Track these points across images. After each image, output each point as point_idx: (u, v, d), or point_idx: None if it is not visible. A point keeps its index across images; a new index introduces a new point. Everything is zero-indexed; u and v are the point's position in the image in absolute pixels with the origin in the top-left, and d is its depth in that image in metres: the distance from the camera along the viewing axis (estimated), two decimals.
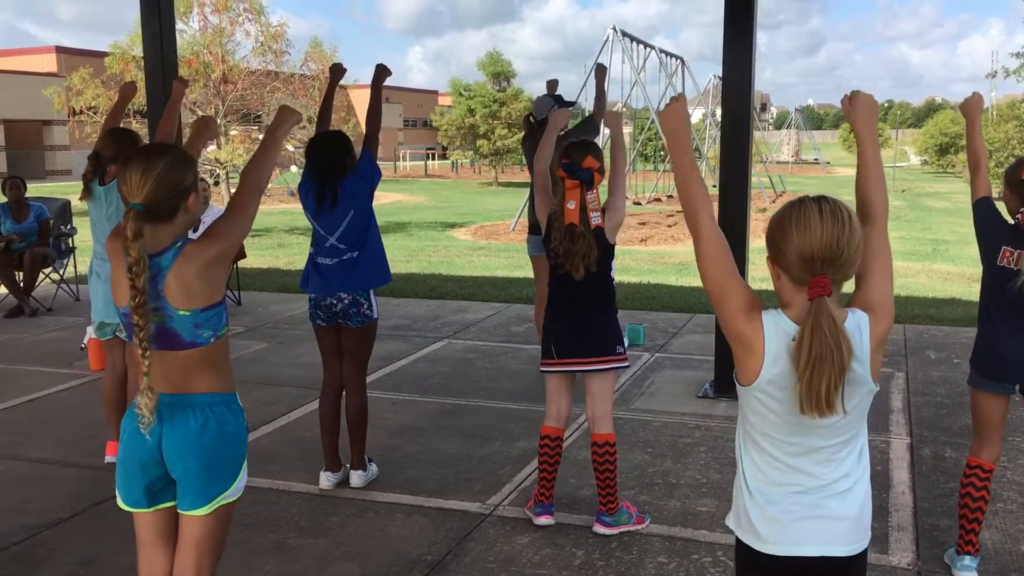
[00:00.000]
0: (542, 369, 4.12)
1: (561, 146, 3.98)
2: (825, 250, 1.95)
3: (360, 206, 4.37)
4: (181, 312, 2.42)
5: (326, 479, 4.58)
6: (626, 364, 4.10)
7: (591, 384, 4.04)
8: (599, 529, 4.06)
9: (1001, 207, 3.57)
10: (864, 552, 2.13)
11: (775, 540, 2.10)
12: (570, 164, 3.83)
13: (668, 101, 2.56)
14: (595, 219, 3.83)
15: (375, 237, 4.48)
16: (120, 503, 2.61)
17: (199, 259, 2.46)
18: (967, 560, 3.63)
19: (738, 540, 2.19)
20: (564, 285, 3.97)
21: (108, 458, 4.92)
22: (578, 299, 3.96)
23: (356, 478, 4.60)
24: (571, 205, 3.82)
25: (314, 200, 4.37)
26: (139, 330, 2.40)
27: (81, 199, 4.91)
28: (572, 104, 6.62)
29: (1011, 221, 3.48)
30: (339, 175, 4.36)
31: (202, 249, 2.48)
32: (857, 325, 2.01)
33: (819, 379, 1.93)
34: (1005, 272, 3.46)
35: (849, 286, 2.12)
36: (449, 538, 4.05)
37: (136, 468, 2.52)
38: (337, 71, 4.96)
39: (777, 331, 2.03)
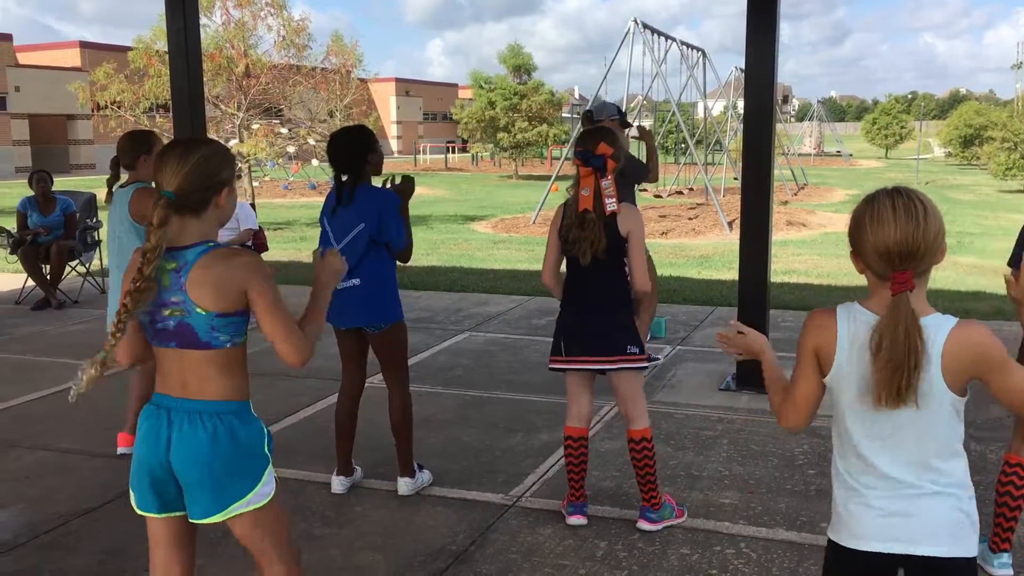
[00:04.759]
0: (550, 367, 4.03)
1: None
2: (901, 246, 1.96)
3: (371, 224, 4.12)
4: (199, 310, 2.36)
5: (338, 483, 4.49)
6: (642, 366, 3.95)
7: (617, 385, 3.98)
8: (644, 526, 4.00)
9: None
10: (964, 560, 2.06)
11: (858, 536, 2.09)
12: (584, 152, 3.83)
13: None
14: (610, 205, 3.80)
15: (384, 268, 4.23)
16: (133, 504, 2.54)
17: (224, 276, 2.37)
18: (1005, 557, 3.58)
19: (829, 540, 2.18)
20: (576, 275, 3.93)
21: (120, 449, 4.99)
22: (588, 291, 3.90)
23: (403, 486, 4.44)
24: (585, 192, 3.81)
25: (335, 197, 4.23)
26: (125, 311, 2.35)
27: (106, 201, 4.99)
28: (630, 126, 6.69)
29: None
30: (359, 174, 4.20)
31: (235, 276, 2.37)
32: (937, 327, 1.99)
33: (892, 370, 1.95)
34: None
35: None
36: (472, 529, 4.07)
37: (146, 473, 2.45)
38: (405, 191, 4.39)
39: (852, 323, 2.05)
